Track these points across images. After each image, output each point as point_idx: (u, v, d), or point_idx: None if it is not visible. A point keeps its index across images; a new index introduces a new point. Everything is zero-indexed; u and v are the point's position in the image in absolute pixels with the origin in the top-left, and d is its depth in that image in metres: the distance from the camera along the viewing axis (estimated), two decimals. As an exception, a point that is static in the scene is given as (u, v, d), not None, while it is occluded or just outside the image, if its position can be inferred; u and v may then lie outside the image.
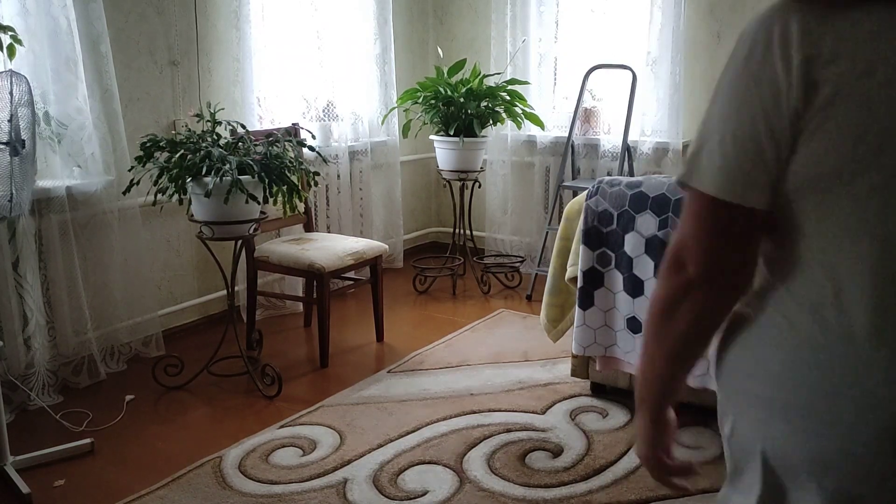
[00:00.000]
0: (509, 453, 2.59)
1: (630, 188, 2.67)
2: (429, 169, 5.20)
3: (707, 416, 2.80)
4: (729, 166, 0.93)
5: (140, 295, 3.36)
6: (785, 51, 0.90)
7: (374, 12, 4.43)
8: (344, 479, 2.45)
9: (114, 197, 3.18)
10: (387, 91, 4.55)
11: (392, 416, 2.86)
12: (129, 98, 3.36)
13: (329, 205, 4.31)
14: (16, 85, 2.27)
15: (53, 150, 3.05)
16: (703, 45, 4.21)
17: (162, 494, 2.37)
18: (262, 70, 3.85)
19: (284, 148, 2.99)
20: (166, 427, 2.83)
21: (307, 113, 4.27)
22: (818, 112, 0.88)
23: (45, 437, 2.71)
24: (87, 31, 3.07)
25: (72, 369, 3.14)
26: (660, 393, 1.10)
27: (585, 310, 2.77)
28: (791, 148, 0.91)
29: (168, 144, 2.84)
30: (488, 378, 3.21)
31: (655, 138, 4.33)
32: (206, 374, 3.17)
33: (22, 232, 2.88)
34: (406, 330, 3.85)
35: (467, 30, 5.01)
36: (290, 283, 4.04)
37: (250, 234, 2.98)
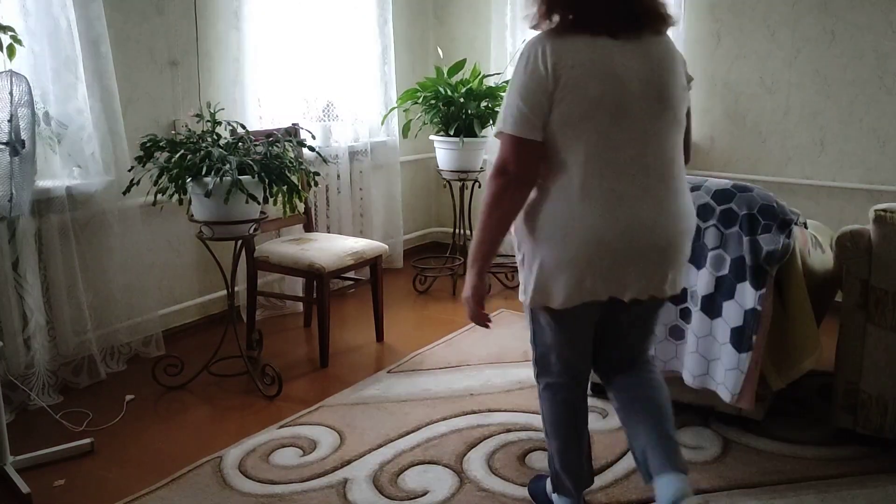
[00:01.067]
0: (509, 453, 2.59)
1: (630, 188, 2.68)
2: (429, 169, 5.20)
3: (707, 416, 2.80)
4: (524, 121, 1.80)
5: (140, 295, 3.36)
6: (544, 60, 1.77)
7: (374, 12, 4.43)
8: (344, 479, 2.45)
9: (114, 197, 3.18)
10: (387, 91, 4.55)
11: (392, 416, 2.86)
12: (129, 98, 3.36)
13: (329, 205, 4.31)
14: (16, 85, 2.27)
15: (53, 150, 3.05)
16: (703, 45, 4.21)
17: (162, 494, 2.37)
18: (262, 70, 3.85)
19: (284, 148, 2.99)
20: (166, 427, 2.83)
21: (307, 113, 4.27)
22: (563, 91, 1.77)
23: (45, 437, 2.71)
24: (87, 31, 3.07)
25: (72, 369, 3.14)
26: (488, 255, 1.91)
27: (585, 310, 2.78)
28: (550, 109, 1.79)
29: (168, 144, 2.84)
30: (488, 378, 3.20)
31: (655, 138, 4.33)
32: (206, 374, 3.18)
33: (22, 232, 2.88)
34: (406, 330, 3.85)
35: (467, 30, 5.01)
36: (290, 283, 4.04)
37: (250, 234, 2.98)
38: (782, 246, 2.40)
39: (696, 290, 2.54)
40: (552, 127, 1.80)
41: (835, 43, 3.88)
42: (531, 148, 1.81)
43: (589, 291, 1.86)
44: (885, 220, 2.42)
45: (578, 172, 1.81)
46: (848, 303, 2.54)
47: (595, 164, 1.80)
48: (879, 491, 2.37)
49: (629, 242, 1.83)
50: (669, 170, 1.88)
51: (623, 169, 1.82)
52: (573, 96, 1.77)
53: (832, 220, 3.94)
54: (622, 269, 1.85)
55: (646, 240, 1.85)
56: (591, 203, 1.81)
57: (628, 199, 1.82)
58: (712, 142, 4.29)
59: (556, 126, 1.80)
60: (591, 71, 1.77)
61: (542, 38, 1.79)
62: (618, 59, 1.79)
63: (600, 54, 1.78)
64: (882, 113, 3.83)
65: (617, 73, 1.78)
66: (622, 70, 1.79)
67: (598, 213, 1.81)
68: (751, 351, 2.44)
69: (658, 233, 1.85)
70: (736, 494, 2.35)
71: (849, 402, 2.57)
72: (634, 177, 1.83)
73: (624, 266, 1.85)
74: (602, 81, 1.77)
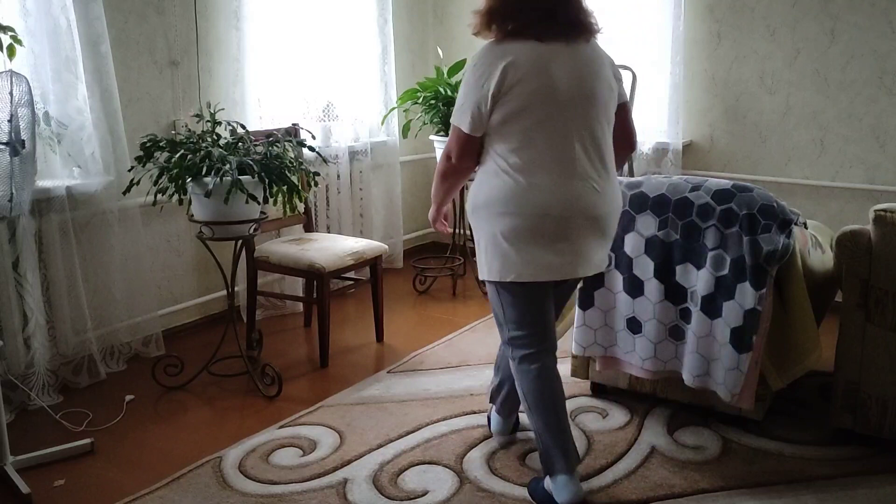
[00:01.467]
0: (509, 453, 2.59)
1: (630, 188, 2.67)
2: (429, 169, 5.19)
3: (707, 416, 2.80)
4: (474, 120, 2.15)
5: (140, 295, 3.36)
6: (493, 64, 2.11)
7: (374, 12, 4.43)
8: (344, 479, 2.45)
9: (114, 197, 3.18)
10: (387, 91, 4.55)
11: (392, 416, 2.86)
12: (129, 98, 3.36)
13: (329, 205, 4.31)
14: (16, 85, 2.27)
15: (53, 150, 3.05)
16: (703, 45, 4.21)
17: (162, 494, 2.37)
18: (262, 70, 3.85)
19: (284, 148, 2.99)
20: (166, 427, 2.83)
21: (307, 113, 4.27)
22: (507, 88, 2.10)
23: (45, 437, 2.71)
24: (87, 31, 3.07)
25: (72, 369, 3.14)
26: (442, 203, 2.47)
27: (585, 310, 2.77)
28: (494, 108, 2.13)
29: (168, 144, 2.84)
30: (488, 378, 3.20)
31: (655, 138, 4.33)
32: (206, 374, 3.18)
33: (22, 232, 2.88)
34: (406, 330, 3.85)
35: (467, 30, 4.95)
36: (290, 283, 4.04)
37: (250, 234, 2.98)
38: (782, 246, 2.41)
39: (697, 290, 2.55)
40: (499, 119, 2.14)
41: (835, 43, 3.88)
42: (473, 142, 2.21)
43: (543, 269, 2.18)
44: (885, 220, 2.42)
45: (525, 157, 2.15)
46: (848, 303, 2.54)
47: (537, 150, 2.15)
48: (879, 491, 2.37)
49: (573, 218, 2.16)
50: (599, 154, 2.21)
51: (563, 153, 2.15)
52: (516, 92, 2.11)
53: (832, 220, 3.94)
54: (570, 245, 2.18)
55: (585, 214, 2.17)
56: (537, 182, 2.14)
57: (570, 179, 2.15)
58: (712, 142, 4.29)
59: (503, 118, 2.14)
60: (530, 71, 2.11)
61: (491, 46, 2.16)
62: (550, 61, 2.13)
63: (536, 57, 2.12)
64: (882, 113, 3.83)
65: (550, 72, 2.12)
66: (554, 70, 2.12)
67: (545, 190, 2.14)
68: (751, 351, 2.44)
69: (591, 209, 2.18)
70: (736, 494, 2.35)
71: (849, 402, 2.57)
72: (572, 159, 2.16)
73: (570, 241, 2.18)
74: (538, 79, 2.11)
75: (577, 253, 2.19)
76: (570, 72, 2.14)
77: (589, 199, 2.17)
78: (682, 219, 2.55)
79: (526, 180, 2.14)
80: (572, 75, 2.14)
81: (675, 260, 2.58)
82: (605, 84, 2.21)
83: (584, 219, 2.17)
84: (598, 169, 2.20)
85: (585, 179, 2.17)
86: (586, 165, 2.17)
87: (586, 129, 2.18)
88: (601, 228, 2.22)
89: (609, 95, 2.22)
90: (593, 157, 2.19)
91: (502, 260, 2.19)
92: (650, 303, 2.64)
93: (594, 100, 2.18)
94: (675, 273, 2.59)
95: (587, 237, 2.20)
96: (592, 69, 2.19)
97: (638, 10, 4.31)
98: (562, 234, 2.16)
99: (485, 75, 2.11)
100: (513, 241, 2.17)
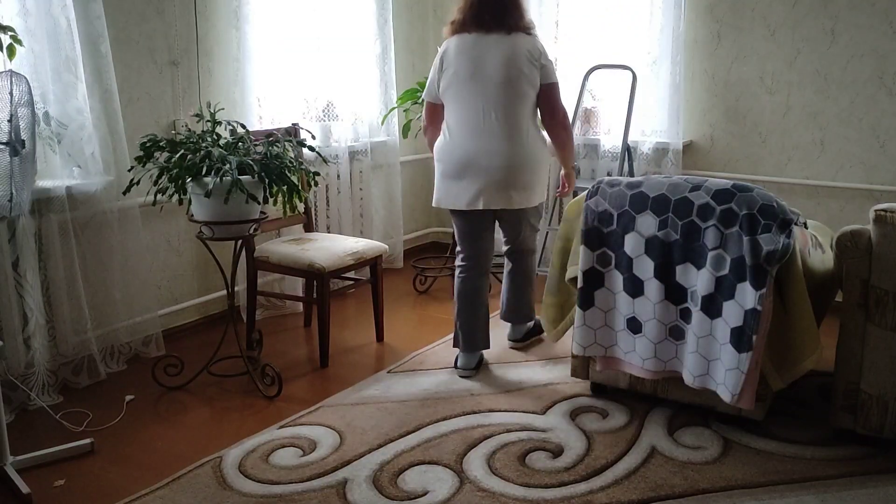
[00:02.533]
0: (509, 453, 2.59)
1: (630, 188, 2.67)
2: (429, 169, 5.18)
3: (707, 416, 2.80)
4: (431, 91, 3.17)
5: (140, 295, 3.36)
6: (444, 50, 3.10)
7: (374, 12, 4.43)
8: (344, 479, 2.45)
9: (114, 197, 3.18)
10: (387, 91, 4.55)
11: (392, 416, 2.86)
12: (129, 98, 3.36)
13: (329, 205, 4.31)
14: (16, 85, 2.27)
15: (53, 150, 3.05)
16: (703, 45, 4.21)
17: (162, 494, 2.37)
18: (262, 70, 3.85)
19: (284, 148, 2.99)
20: (166, 427, 2.83)
21: (307, 113, 4.27)
22: (444, 68, 3.08)
23: (45, 437, 2.71)
24: (87, 31, 3.07)
25: (72, 369, 3.14)
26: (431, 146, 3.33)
27: (585, 310, 2.77)
28: (439, 84, 3.11)
29: (168, 144, 2.84)
30: (488, 378, 3.20)
31: (655, 138, 4.33)
32: (206, 374, 3.17)
33: (22, 232, 2.88)
34: (406, 330, 3.85)
35: (467, 30, 5.00)
36: (290, 283, 4.04)
37: (250, 234, 2.98)
38: (782, 246, 2.41)
39: (697, 290, 2.55)
40: (442, 92, 3.11)
41: (835, 43, 3.88)
42: (433, 108, 3.20)
43: (453, 199, 3.12)
44: (885, 220, 2.42)
45: (450, 120, 3.09)
46: (848, 303, 2.54)
47: (457, 115, 3.08)
48: (879, 491, 2.37)
49: (474, 165, 3.03)
50: (507, 121, 3.01)
51: (472, 118, 3.03)
52: (448, 71, 3.07)
53: (832, 220, 3.94)
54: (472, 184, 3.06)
55: (484, 163, 3.02)
56: (455, 138, 3.07)
57: (475, 137, 3.03)
58: (712, 142, 4.29)
59: (442, 92, 3.11)
60: (458, 55, 3.05)
61: (447, 39, 3.13)
62: (470, 49, 3.03)
63: (465, 45, 3.05)
64: (882, 113, 3.83)
65: (471, 56, 3.02)
66: (475, 55, 3.02)
67: (457, 145, 3.06)
68: (751, 351, 2.44)
69: (492, 159, 3.01)
70: (736, 494, 2.35)
71: (849, 402, 2.57)
72: (482, 122, 3.02)
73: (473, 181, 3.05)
74: (462, 61, 3.04)
75: (477, 191, 3.04)
76: (489, 57, 3.00)
77: (487, 152, 3.01)
78: (682, 219, 2.55)
79: (450, 137, 3.09)
80: (490, 59, 3.00)
81: (675, 260, 2.58)
82: (513, 67, 2.98)
83: (482, 166, 3.02)
84: (502, 131, 3.01)
85: (488, 138, 3.01)
86: (491, 128, 3.01)
87: (494, 100, 3.00)
88: (500, 176, 3.02)
89: (517, 75, 2.99)
90: (498, 122, 3.01)
91: (436, 191, 3.18)
92: (650, 303, 2.64)
93: (506, 79, 2.99)
94: (676, 273, 2.59)
95: (485, 179, 3.03)
96: (508, 55, 2.99)
97: (638, 10, 4.31)
98: (465, 175, 3.05)
99: (437, 60, 3.13)
100: (440, 179, 3.15)
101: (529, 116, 3.05)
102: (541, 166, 3.13)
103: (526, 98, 3.02)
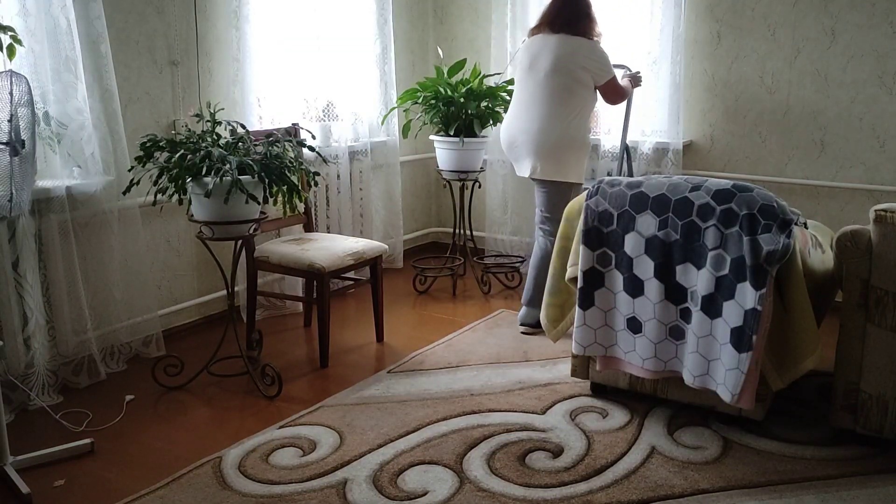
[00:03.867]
0: (509, 453, 2.59)
1: (630, 188, 2.67)
2: (429, 169, 5.20)
3: (707, 416, 2.80)
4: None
5: (140, 295, 3.36)
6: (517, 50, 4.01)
7: (374, 12, 4.43)
8: (344, 479, 2.45)
9: (114, 197, 3.18)
10: (387, 91, 4.55)
11: (392, 416, 2.86)
12: (129, 98, 3.36)
13: (329, 205, 4.31)
14: (16, 85, 2.27)
15: (53, 150, 3.05)
16: (703, 45, 4.21)
17: (162, 494, 2.37)
18: (262, 70, 3.85)
19: (284, 148, 2.99)
20: (166, 427, 2.83)
21: (307, 113, 4.27)
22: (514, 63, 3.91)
23: (45, 437, 2.71)
24: (87, 31, 3.07)
25: (72, 369, 3.14)
26: None
27: (586, 310, 2.77)
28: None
29: (168, 144, 2.84)
30: (488, 378, 3.21)
31: (655, 138, 4.33)
32: (206, 374, 3.18)
33: (22, 232, 2.88)
34: (406, 330, 3.85)
35: (467, 30, 5.01)
36: (290, 283, 4.04)
37: (250, 234, 2.98)
38: (782, 246, 2.40)
39: (697, 290, 2.55)
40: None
41: (835, 43, 3.88)
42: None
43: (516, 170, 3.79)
44: (885, 220, 2.42)
45: (515, 101, 3.73)
46: (848, 303, 2.54)
47: (513, 99, 3.75)
48: (879, 491, 2.37)
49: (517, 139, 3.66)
50: (549, 106, 3.56)
51: (525, 101, 3.64)
52: (514, 63, 3.81)
53: (832, 220, 3.94)
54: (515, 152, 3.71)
55: (520, 140, 3.65)
56: (507, 119, 3.79)
57: (523, 115, 3.65)
58: (712, 142, 4.29)
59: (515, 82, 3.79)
60: (525, 50, 3.68)
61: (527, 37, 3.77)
62: (538, 45, 3.60)
63: (533, 43, 3.64)
64: (882, 112, 3.83)
65: (533, 52, 3.61)
66: (535, 50, 3.60)
67: (510, 121, 3.74)
68: (751, 351, 2.44)
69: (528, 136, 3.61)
70: (736, 494, 2.35)
71: (849, 402, 2.57)
72: (528, 106, 3.62)
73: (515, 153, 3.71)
74: (526, 56, 3.65)
75: (522, 163, 3.69)
76: (549, 53, 3.54)
77: (528, 130, 3.60)
78: (682, 219, 2.55)
79: (507, 118, 3.78)
80: (549, 55, 3.54)
81: (675, 260, 2.58)
82: (564, 63, 3.52)
83: (524, 142, 3.63)
84: (547, 115, 3.56)
85: (534, 121, 3.59)
86: (539, 111, 3.58)
87: (547, 89, 3.55)
88: (533, 149, 3.60)
89: (565, 71, 3.52)
90: (546, 107, 3.56)
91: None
92: (650, 303, 2.64)
93: (557, 72, 3.52)
94: (676, 273, 2.59)
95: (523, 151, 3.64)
96: (564, 53, 3.52)
97: (638, 10, 4.31)
98: (513, 147, 3.70)
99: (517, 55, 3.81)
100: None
101: (570, 108, 3.53)
102: (571, 148, 3.57)
103: (569, 92, 3.53)
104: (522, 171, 3.68)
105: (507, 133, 3.72)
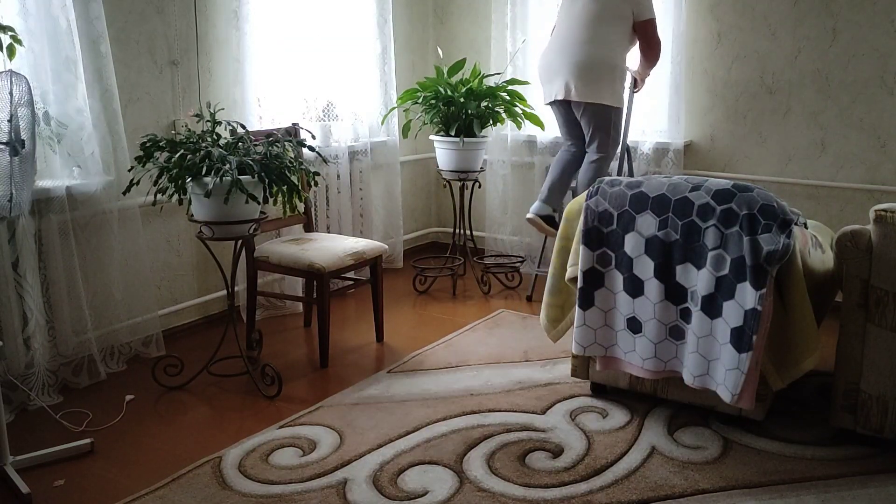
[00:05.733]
0: (509, 453, 2.59)
1: (630, 188, 2.67)
2: (429, 169, 5.20)
3: (707, 416, 2.80)
4: None
5: (140, 295, 3.36)
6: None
7: (374, 12, 4.43)
8: (344, 479, 2.45)
9: (114, 197, 3.18)
10: (387, 91, 4.55)
11: (392, 416, 2.86)
12: (129, 98, 3.36)
13: (329, 205, 4.31)
14: (16, 85, 2.27)
15: (53, 150, 3.05)
16: (703, 45, 4.21)
17: (162, 494, 2.37)
18: (262, 70, 3.85)
19: (284, 148, 2.99)
20: (166, 427, 2.83)
21: (307, 113, 4.27)
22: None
23: (45, 437, 2.71)
24: (87, 31, 3.07)
25: (72, 369, 3.14)
26: None
27: (586, 310, 2.77)
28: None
29: (168, 144, 2.84)
30: (488, 378, 3.20)
31: (655, 138, 4.33)
32: (206, 374, 3.18)
33: (22, 232, 2.88)
34: (406, 330, 3.85)
35: (467, 30, 5.01)
36: (289, 283, 4.04)
37: (250, 234, 2.98)
38: (782, 246, 2.40)
39: (697, 290, 2.55)
40: None
41: (836, 42, 3.88)
42: None
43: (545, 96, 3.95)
44: (885, 220, 2.42)
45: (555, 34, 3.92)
46: (848, 303, 2.54)
47: (556, 24, 3.93)
48: (880, 491, 2.37)
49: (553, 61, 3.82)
50: (588, 31, 3.72)
51: (565, 27, 3.82)
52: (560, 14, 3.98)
53: (832, 220, 3.94)
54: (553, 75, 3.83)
55: (556, 64, 3.79)
56: (549, 42, 3.93)
57: (561, 39, 3.81)
58: (712, 142, 4.29)
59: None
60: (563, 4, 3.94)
61: None
62: None
63: None
64: (883, 112, 3.82)
65: None
66: None
67: (549, 46, 3.89)
68: (751, 351, 2.44)
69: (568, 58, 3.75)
70: (736, 494, 2.35)
71: (849, 402, 2.57)
72: (567, 31, 3.79)
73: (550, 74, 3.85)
74: None
75: (555, 84, 3.80)
76: None
77: (568, 53, 3.75)
78: (682, 219, 2.55)
79: (546, 45, 3.94)
80: None
81: (675, 260, 2.58)
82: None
83: (560, 64, 3.78)
84: (584, 40, 3.72)
85: (571, 44, 3.74)
86: (576, 36, 3.74)
87: (585, 17, 3.74)
88: (568, 69, 3.74)
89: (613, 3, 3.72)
90: (584, 32, 3.72)
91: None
92: (650, 303, 2.64)
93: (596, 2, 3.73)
94: (676, 273, 2.59)
95: (559, 71, 3.78)
96: None
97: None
98: (549, 69, 3.84)
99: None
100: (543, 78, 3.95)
101: (607, 35, 3.70)
102: (606, 69, 3.71)
103: (608, 22, 3.71)
104: (556, 92, 3.76)
105: (544, 57, 3.86)
